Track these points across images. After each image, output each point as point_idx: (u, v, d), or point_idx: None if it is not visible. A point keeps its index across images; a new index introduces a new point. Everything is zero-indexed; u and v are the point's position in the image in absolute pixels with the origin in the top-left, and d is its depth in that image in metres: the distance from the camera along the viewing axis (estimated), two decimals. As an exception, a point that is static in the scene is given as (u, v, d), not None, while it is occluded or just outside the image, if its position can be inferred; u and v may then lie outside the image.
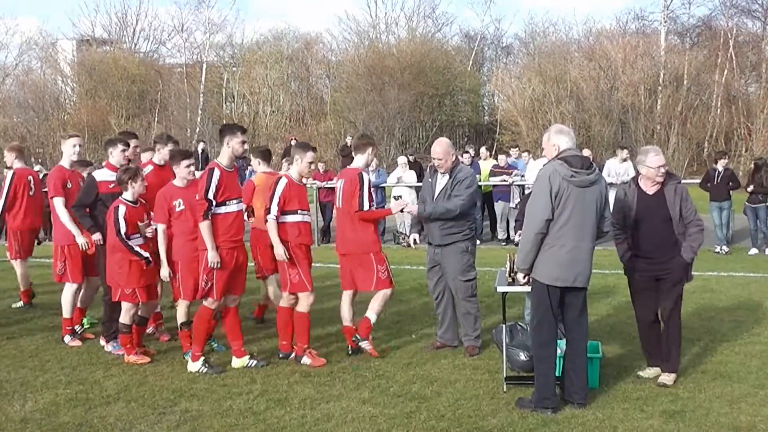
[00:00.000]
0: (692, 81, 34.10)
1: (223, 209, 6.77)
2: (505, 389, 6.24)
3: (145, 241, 7.25)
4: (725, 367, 6.80)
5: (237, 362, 7.03)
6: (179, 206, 7.14)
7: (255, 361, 7.05)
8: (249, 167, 16.21)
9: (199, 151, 23.45)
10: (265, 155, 8.80)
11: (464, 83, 40.16)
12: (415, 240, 7.64)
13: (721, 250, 14.33)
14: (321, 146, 36.80)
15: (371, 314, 7.34)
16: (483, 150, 18.87)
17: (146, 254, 7.16)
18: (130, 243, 7.11)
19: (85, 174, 8.28)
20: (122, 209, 7.14)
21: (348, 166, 7.75)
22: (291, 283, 7.07)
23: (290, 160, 7.40)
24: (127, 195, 7.23)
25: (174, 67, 46.23)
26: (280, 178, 7.16)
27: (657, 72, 34.60)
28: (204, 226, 6.70)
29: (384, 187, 17.31)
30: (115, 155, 7.67)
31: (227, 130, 6.95)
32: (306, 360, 7.06)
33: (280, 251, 6.95)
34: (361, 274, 7.33)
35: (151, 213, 7.37)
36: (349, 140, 24.43)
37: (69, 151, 8.09)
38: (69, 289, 8.05)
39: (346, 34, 44.60)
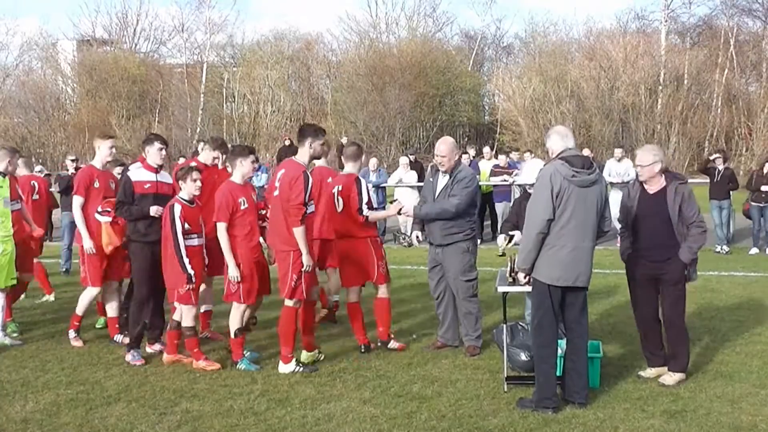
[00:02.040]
0: (693, 80, 34.14)
1: (309, 210, 6.82)
2: (505, 389, 6.24)
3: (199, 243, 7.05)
4: (726, 367, 6.80)
5: (282, 368, 6.92)
6: (243, 204, 6.95)
7: (301, 368, 6.89)
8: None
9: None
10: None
11: (465, 83, 40.21)
12: (417, 237, 7.64)
13: (721, 249, 14.32)
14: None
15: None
16: (486, 149, 18.74)
17: (191, 271, 6.86)
18: (182, 250, 6.83)
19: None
20: (177, 208, 6.90)
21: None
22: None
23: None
24: (183, 194, 7.00)
25: (174, 67, 46.26)
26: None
27: (657, 71, 34.64)
28: (300, 231, 6.62)
29: (385, 188, 17.31)
30: (152, 154, 7.39)
31: (310, 132, 6.96)
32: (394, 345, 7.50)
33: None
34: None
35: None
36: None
37: (104, 152, 7.80)
38: (88, 294, 7.84)
39: (347, 34, 44.70)
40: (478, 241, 9.02)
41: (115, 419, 5.72)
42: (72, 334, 7.89)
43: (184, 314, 7.03)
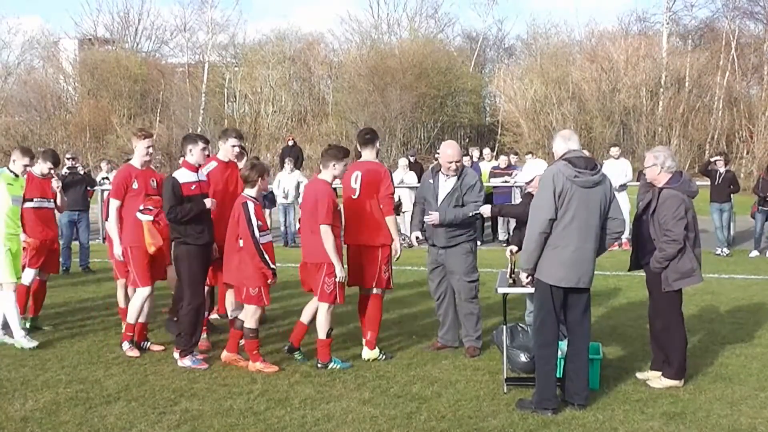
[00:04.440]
0: (694, 83, 34.13)
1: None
2: (505, 390, 6.24)
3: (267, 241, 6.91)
4: (726, 369, 6.79)
5: (368, 353, 7.17)
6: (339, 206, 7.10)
7: (384, 356, 7.23)
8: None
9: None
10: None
11: (466, 84, 40.19)
12: (417, 238, 7.60)
13: (721, 252, 14.32)
14: (323, 146, 36.76)
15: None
16: (486, 151, 18.82)
17: (273, 265, 6.78)
18: (261, 247, 6.72)
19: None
20: (251, 206, 6.80)
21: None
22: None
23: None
24: (252, 192, 6.93)
25: (176, 67, 46.31)
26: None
27: (659, 74, 34.65)
28: (393, 220, 7.09)
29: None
30: (196, 153, 7.20)
31: (373, 138, 7.32)
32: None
33: None
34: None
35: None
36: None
37: (141, 151, 7.53)
38: (140, 294, 7.48)
39: (349, 35, 44.70)
40: (478, 242, 9.02)
41: (115, 418, 5.72)
42: (126, 345, 7.50)
43: (248, 315, 6.92)
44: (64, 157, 13.26)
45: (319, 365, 6.94)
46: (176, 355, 7.14)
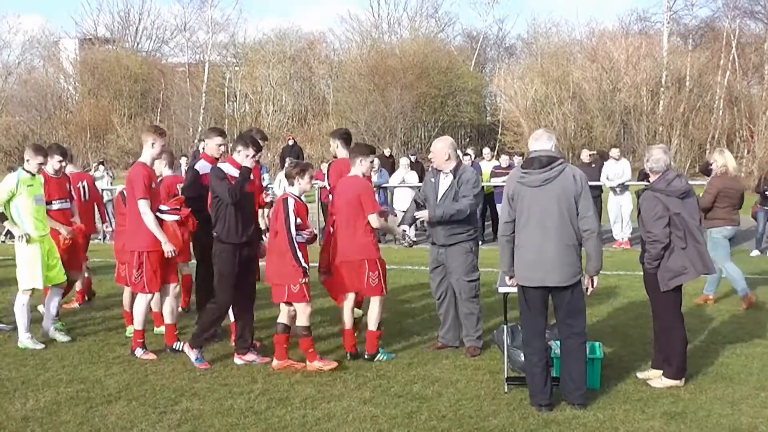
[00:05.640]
0: (695, 82, 34.10)
1: None
2: (506, 390, 6.24)
3: (305, 239, 6.87)
4: (726, 369, 6.80)
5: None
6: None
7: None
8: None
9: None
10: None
11: (467, 83, 40.17)
12: (404, 231, 7.55)
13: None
14: (323, 146, 36.78)
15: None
16: (486, 150, 18.83)
17: (305, 265, 6.71)
18: (296, 245, 6.68)
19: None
20: (291, 202, 6.79)
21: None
22: None
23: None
24: (294, 190, 6.90)
25: (176, 67, 46.32)
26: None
27: (659, 73, 34.62)
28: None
29: (386, 188, 17.30)
30: (243, 155, 7.10)
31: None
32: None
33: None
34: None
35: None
36: (386, 151, 22.82)
37: (157, 150, 7.35)
38: (143, 300, 7.38)
39: (349, 34, 44.68)
40: (480, 242, 9.01)
41: (116, 418, 5.73)
42: (139, 352, 7.32)
43: (298, 312, 6.87)
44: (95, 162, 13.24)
45: (366, 356, 7.05)
46: (186, 348, 7.14)
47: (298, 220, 6.77)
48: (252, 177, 7.15)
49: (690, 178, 24.94)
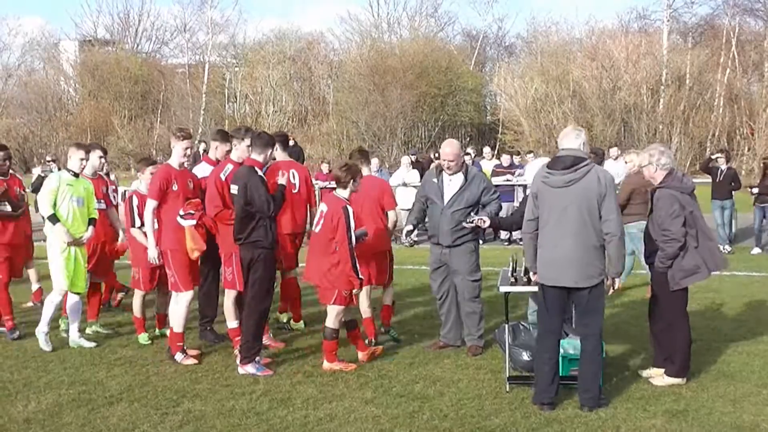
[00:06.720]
0: (695, 80, 34.12)
1: None
2: (507, 389, 6.24)
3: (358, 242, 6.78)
4: (728, 367, 6.79)
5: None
6: None
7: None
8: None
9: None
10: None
11: (467, 83, 40.19)
12: (408, 231, 7.60)
13: (723, 249, 14.29)
14: (324, 146, 36.82)
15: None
16: (486, 149, 18.81)
17: (362, 276, 6.72)
18: (355, 255, 6.62)
19: (148, 172, 7.88)
20: (351, 211, 6.64)
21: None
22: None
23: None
24: (345, 194, 6.83)
25: (176, 68, 46.39)
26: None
27: (659, 71, 34.63)
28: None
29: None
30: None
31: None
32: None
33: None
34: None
35: None
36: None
37: (180, 152, 7.23)
38: (183, 299, 7.19)
39: (349, 34, 44.76)
40: (480, 241, 9.02)
41: (117, 419, 5.73)
42: (179, 356, 7.14)
43: (332, 314, 6.85)
44: (44, 158, 13.22)
45: (383, 329, 7.81)
46: (238, 361, 6.89)
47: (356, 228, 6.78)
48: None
49: (691, 175, 24.99)
